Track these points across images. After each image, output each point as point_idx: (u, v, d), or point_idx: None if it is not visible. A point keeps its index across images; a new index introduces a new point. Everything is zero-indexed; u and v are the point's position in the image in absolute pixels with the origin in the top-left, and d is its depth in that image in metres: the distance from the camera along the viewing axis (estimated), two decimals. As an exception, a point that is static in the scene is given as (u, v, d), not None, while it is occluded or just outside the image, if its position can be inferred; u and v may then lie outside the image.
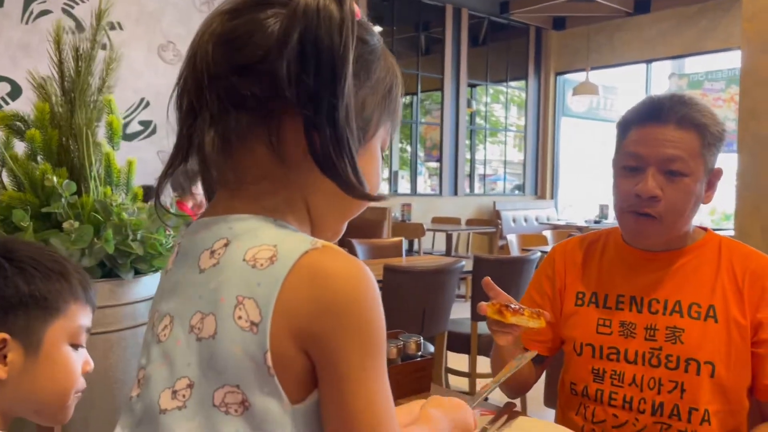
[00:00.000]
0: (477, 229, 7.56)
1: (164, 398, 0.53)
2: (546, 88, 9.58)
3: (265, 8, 0.57)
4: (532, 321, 1.13)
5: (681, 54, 8.25)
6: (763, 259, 1.25)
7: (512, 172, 9.83)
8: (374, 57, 0.62)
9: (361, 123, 0.61)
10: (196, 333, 0.53)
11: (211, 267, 0.55)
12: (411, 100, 8.55)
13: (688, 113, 1.19)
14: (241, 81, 0.56)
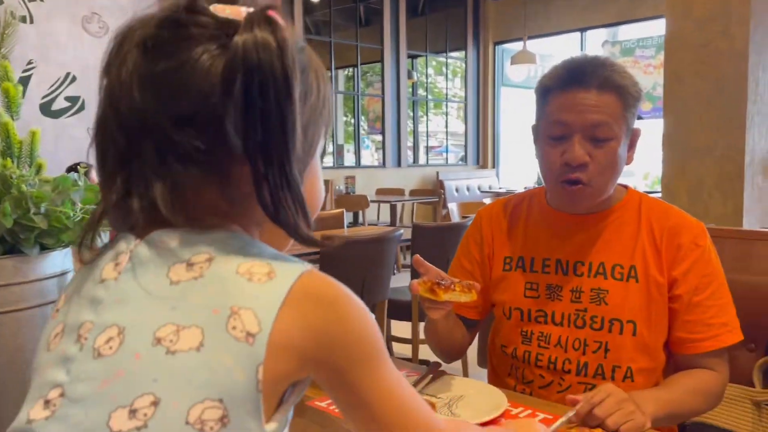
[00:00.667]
0: (420, 200, 7.61)
1: (117, 419, 0.48)
2: (485, 58, 9.64)
3: (192, 45, 0.53)
4: (464, 295, 1.13)
5: (614, 22, 8.42)
6: (680, 216, 1.29)
7: (456, 143, 9.91)
8: (308, 74, 0.59)
9: (307, 145, 0.59)
10: (166, 346, 0.49)
11: (190, 279, 0.51)
12: (352, 72, 8.47)
13: (609, 76, 1.19)
14: (182, 134, 0.52)
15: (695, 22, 3.51)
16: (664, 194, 3.73)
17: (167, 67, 0.52)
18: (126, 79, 0.53)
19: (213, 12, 0.55)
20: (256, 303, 0.50)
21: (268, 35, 0.52)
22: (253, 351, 0.48)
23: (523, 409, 1.13)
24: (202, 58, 0.52)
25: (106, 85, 0.55)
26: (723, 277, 1.25)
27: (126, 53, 0.54)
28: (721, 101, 3.47)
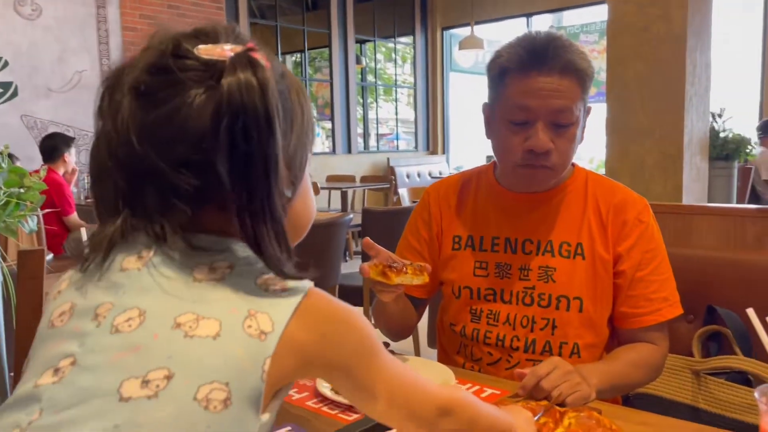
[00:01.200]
0: (371, 186, 7.60)
1: (128, 386, 0.52)
2: (433, 44, 9.66)
3: (182, 90, 0.56)
4: (416, 278, 1.12)
5: (558, 8, 8.56)
6: (625, 192, 1.30)
7: (407, 130, 9.92)
8: (291, 102, 0.62)
9: (296, 170, 0.64)
10: (185, 330, 0.54)
11: (211, 280, 0.56)
12: (300, 58, 8.37)
13: (570, 60, 1.17)
14: (179, 176, 0.56)
15: (636, 5, 3.58)
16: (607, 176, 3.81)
17: (161, 114, 0.56)
18: (122, 128, 0.56)
19: (197, 54, 0.57)
20: (271, 309, 0.56)
21: (251, 77, 0.56)
22: (264, 345, 0.54)
23: (471, 385, 1.13)
24: (193, 102, 0.55)
25: (101, 130, 0.59)
26: (665, 252, 1.28)
27: (119, 100, 0.57)
28: (660, 84, 3.57)
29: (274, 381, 0.55)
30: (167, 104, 0.56)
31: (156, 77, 0.57)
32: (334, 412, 1.04)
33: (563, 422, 0.88)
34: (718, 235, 1.61)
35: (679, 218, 1.67)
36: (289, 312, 0.56)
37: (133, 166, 0.56)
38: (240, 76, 0.55)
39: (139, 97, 0.57)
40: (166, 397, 0.51)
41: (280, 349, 0.54)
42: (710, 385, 1.41)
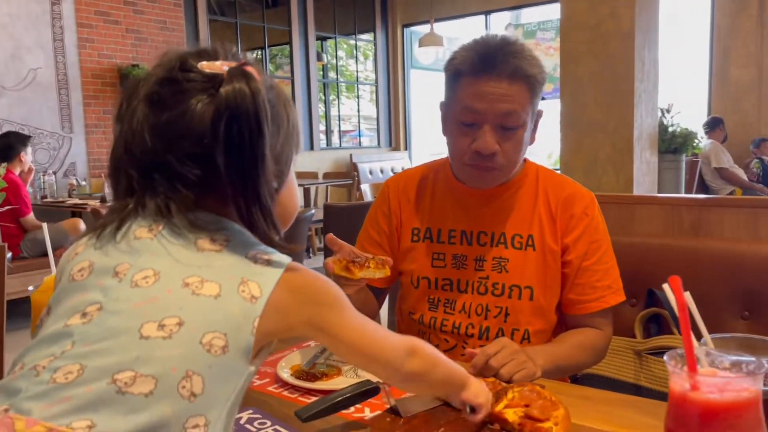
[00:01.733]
0: (334, 182, 7.62)
1: (147, 328, 0.63)
2: (394, 41, 9.71)
3: (187, 97, 0.69)
4: (378, 271, 1.16)
5: (516, 5, 8.69)
6: (573, 187, 1.37)
7: (370, 127, 9.95)
8: (278, 108, 0.74)
9: (282, 166, 0.76)
10: (192, 289, 0.65)
11: (212, 251, 0.68)
12: (260, 54, 8.32)
13: (519, 66, 1.21)
14: (185, 167, 0.68)
15: (587, 4, 3.70)
16: (562, 170, 3.93)
17: (170, 116, 0.68)
18: (138, 128, 0.69)
19: (200, 69, 0.70)
20: (260, 278, 0.67)
21: (244, 86, 0.67)
22: (254, 308, 0.66)
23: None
24: (197, 107, 0.68)
25: (119, 131, 0.71)
26: (609, 242, 1.35)
27: (135, 106, 0.70)
28: (611, 80, 3.69)
29: (261, 337, 0.66)
30: (175, 108, 0.68)
31: (166, 88, 0.69)
32: (294, 395, 1.08)
33: (507, 395, 0.93)
34: (658, 223, 1.70)
35: (622, 208, 1.76)
36: (273, 281, 0.68)
37: (145, 159, 0.69)
38: (235, 86, 0.67)
39: (152, 104, 0.69)
40: (178, 339, 0.62)
41: (266, 311, 0.66)
42: (651, 364, 1.50)
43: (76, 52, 6.04)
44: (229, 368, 0.65)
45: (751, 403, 0.61)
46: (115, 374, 0.60)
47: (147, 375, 0.61)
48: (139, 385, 0.60)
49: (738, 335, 0.81)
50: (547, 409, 0.90)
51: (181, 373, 0.62)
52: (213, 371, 0.63)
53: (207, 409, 0.63)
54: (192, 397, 0.62)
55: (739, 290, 1.43)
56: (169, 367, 0.62)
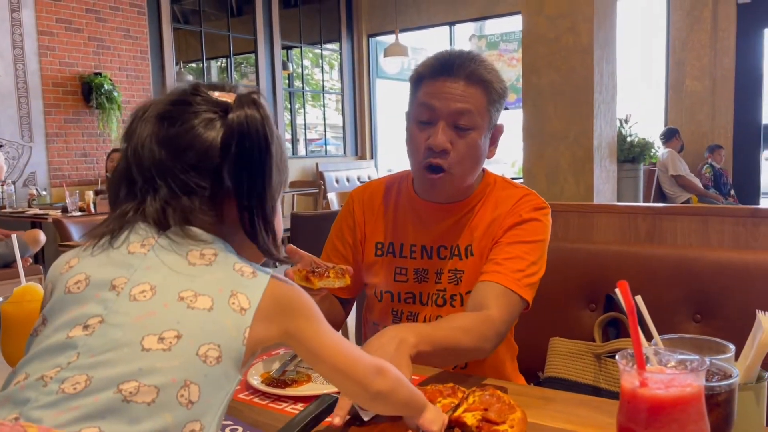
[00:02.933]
0: (301, 191, 7.62)
1: (148, 340, 0.66)
2: (359, 51, 9.77)
3: (195, 116, 0.74)
4: (338, 281, 1.16)
5: (480, 17, 8.85)
6: (520, 195, 1.38)
7: (336, 135, 9.98)
8: (272, 138, 0.78)
9: (277, 188, 0.80)
10: (187, 303, 0.69)
11: (203, 264, 0.72)
12: (225, 63, 8.29)
13: (476, 69, 1.27)
14: (189, 177, 0.73)
15: (547, 18, 3.80)
16: (525, 179, 4.01)
17: (178, 131, 0.74)
18: (146, 140, 0.74)
19: (209, 95, 0.76)
20: (247, 291, 0.72)
21: (255, 112, 0.75)
22: (243, 319, 0.70)
23: (393, 373, 1.22)
24: (205, 123, 0.74)
25: (127, 147, 0.76)
26: (539, 244, 1.32)
27: (145, 123, 0.75)
28: (571, 92, 3.79)
29: (251, 345, 0.71)
30: (184, 124, 0.74)
31: (176, 107, 0.76)
32: (264, 402, 1.10)
33: (468, 400, 0.96)
34: (615, 231, 1.76)
35: (582, 216, 1.82)
36: (260, 293, 0.72)
37: (151, 166, 0.74)
38: (246, 112, 0.75)
39: (162, 120, 0.75)
40: (177, 351, 0.67)
41: (254, 322, 0.71)
42: (609, 366, 1.55)
43: (36, 60, 5.94)
44: (222, 376, 0.69)
45: (694, 398, 0.66)
46: (121, 384, 0.64)
47: (150, 385, 0.64)
48: (143, 395, 0.64)
49: (686, 336, 0.87)
50: (504, 412, 0.92)
51: (180, 383, 0.66)
52: (208, 380, 0.68)
53: (202, 414, 0.67)
54: (189, 404, 0.66)
55: (692, 294, 1.50)
56: (170, 377, 0.65)
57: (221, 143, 0.74)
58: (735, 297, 1.43)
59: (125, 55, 6.67)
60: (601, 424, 0.97)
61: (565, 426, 0.98)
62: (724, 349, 0.82)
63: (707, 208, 1.74)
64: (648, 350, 0.73)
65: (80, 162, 6.39)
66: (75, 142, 6.32)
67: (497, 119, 1.35)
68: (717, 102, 7.07)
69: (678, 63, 7.21)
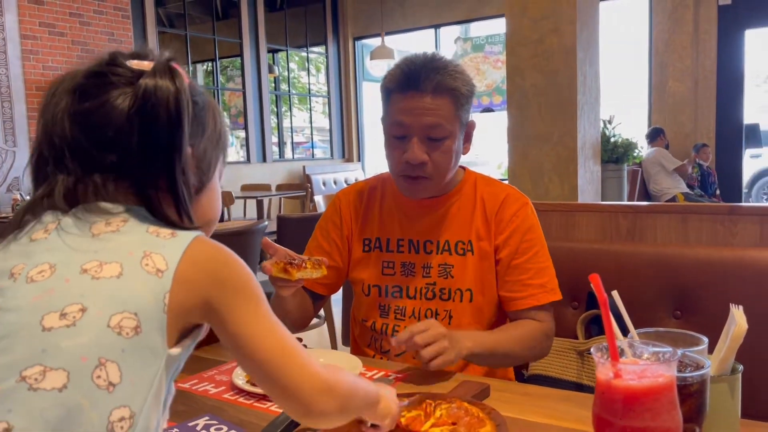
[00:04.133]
0: (287, 194, 7.61)
1: (49, 319, 0.59)
2: (345, 53, 9.79)
3: (111, 89, 0.68)
4: (315, 272, 1.19)
5: (464, 19, 8.89)
6: (507, 192, 1.43)
7: (322, 138, 9.98)
8: (205, 112, 0.74)
9: (204, 168, 0.75)
10: (91, 274, 0.62)
11: (109, 232, 0.65)
12: (211, 67, 8.26)
13: (441, 81, 1.29)
14: (100, 153, 0.68)
15: (530, 20, 3.83)
16: (510, 179, 4.04)
17: (91, 105, 0.68)
18: (59, 117, 0.68)
19: (129, 65, 0.70)
20: (164, 251, 0.65)
21: (167, 80, 0.68)
22: (161, 282, 0.63)
23: (377, 371, 1.23)
24: (119, 99, 0.68)
25: (42, 123, 0.70)
26: (543, 245, 1.41)
27: (59, 98, 0.69)
28: (555, 93, 3.83)
29: (175, 314, 0.63)
30: (97, 98, 0.68)
31: (91, 80, 0.69)
32: (249, 401, 1.11)
33: (435, 414, 0.95)
34: (597, 229, 1.79)
35: (564, 215, 1.84)
36: (179, 252, 0.65)
37: (62, 145, 0.68)
38: (157, 80, 0.68)
39: (75, 94, 0.69)
40: (83, 326, 0.60)
41: (175, 285, 0.63)
42: (592, 363, 1.57)
43: (20, 64, 5.90)
44: (145, 350, 0.61)
45: (666, 388, 0.68)
46: (23, 371, 0.58)
47: (57, 368, 0.58)
48: (50, 380, 0.58)
49: (661, 329, 0.89)
50: (473, 426, 0.90)
51: (93, 361, 0.59)
52: (127, 355, 0.60)
53: (129, 398, 0.60)
54: (110, 386, 0.59)
55: (671, 291, 1.52)
56: (78, 356, 0.59)
57: (127, 113, 0.67)
58: (714, 293, 1.46)
59: (110, 59, 6.63)
60: (581, 418, 0.99)
61: (546, 420, 0.99)
62: (697, 341, 0.84)
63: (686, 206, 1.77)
64: (623, 343, 0.75)
65: (65, 166, 6.33)
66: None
67: (468, 118, 1.38)
68: (699, 102, 7.16)
69: (660, 64, 7.29)
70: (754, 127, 7.51)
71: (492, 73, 8.74)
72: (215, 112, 0.78)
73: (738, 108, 7.12)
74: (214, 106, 0.78)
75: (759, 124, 7.56)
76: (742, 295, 1.37)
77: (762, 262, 1.44)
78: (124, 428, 0.59)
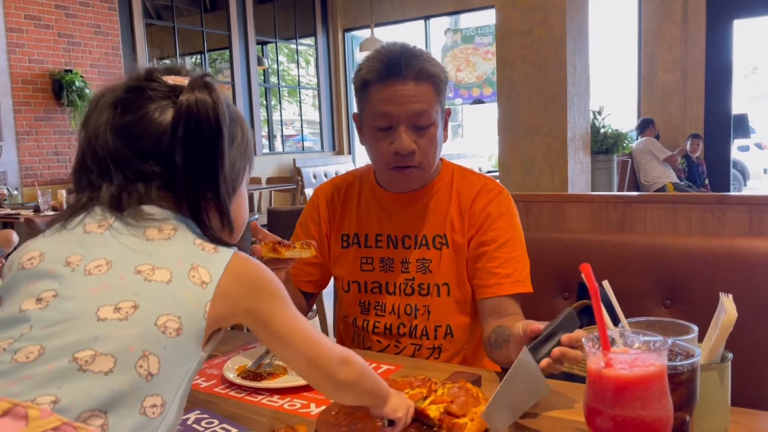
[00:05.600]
0: (278, 187, 7.59)
1: (104, 311, 0.65)
2: (335, 45, 9.75)
3: (149, 103, 0.74)
4: (305, 251, 1.19)
5: (454, 11, 8.87)
6: (482, 184, 1.41)
7: (313, 131, 9.94)
8: (234, 123, 0.78)
9: (235, 177, 0.80)
10: (144, 276, 0.68)
11: (161, 239, 0.71)
12: (200, 59, 8.21)
13: (423, 67, 1.27)
14: (143, 164, 0.73)
15: (520, 11, 3.83)
16: (501, 171, 4.04)
17: (131, 118, 0.74)
18: (102, 129, 0.74)
19: (165, 80, 0.76)
20: (209, 264, 0.71)
21: (206, 95, 0.74)
22: (204, 293, 0.69)
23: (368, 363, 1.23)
24: (157, 111, 0.74)
25: (84, 136, 0.76)
26: (516, 236, 1.36)
27: (100, 111, 0.75)
28: (545, 84, 3.83)
29: (213, 321, 0.70)
30: (137, 112, 0.74)
31: (130, 94, 0.75)
32: (240, 395, 1.11)
33: (437, 392, 0.96)
34: (587, 220, 1.79)
35: (554, 206, 1.85)
36: (222, 268, 0.71)
37: (106, 155, 0.73)
38: (196, 94, 0.74)
39: (116, 108, 0.75)
40: (134, 320, 0.66)
41: (216, 297, 0.70)
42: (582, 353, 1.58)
43: (5, 57, 5.83)
44: (183, 350, 0.68)
45: (657, 377, 0.68)
46: (75, 353, 0.63)
47: (106, 354, 0.63)
48: (99, 363, 0.63)
49: (651, 318, 0.89)
50: (467, 405, 0.92)
51: (139, 352, 0.65)
52: (168, 352, 0.66)
53: (163, 389, 0.66)
54: (149, 376, 0.65)
55: (661, 280, 1.53)
56: (127, 346, 0.64)
57: (171, 127, 0.73)
58: (703, 282, 1.46)
59: (96, 52, 6.58)
60: (570, 405, 0.99)
61: (537, 410, 0.99)
62: (687, 330, 0.85)
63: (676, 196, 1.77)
64: (614, 332, 0.75)
65: (52, 160, 6.29)
66: (46, 141, 6.23)
67: (445, 105, 1.37)
68: (688, 93, 7.19)
69: (650, 55, 7.31)
70: (743, 117, 7.55)
71: (482, 64, 8.74)
72: (242, 122, 0.82)
73: (726, 98, 7.16)
74: (240, 116, 0.82)
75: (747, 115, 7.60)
76: (731, 284, 1.38)
77: (751, 251, 1.45)
78: (156, 414, 0.65)
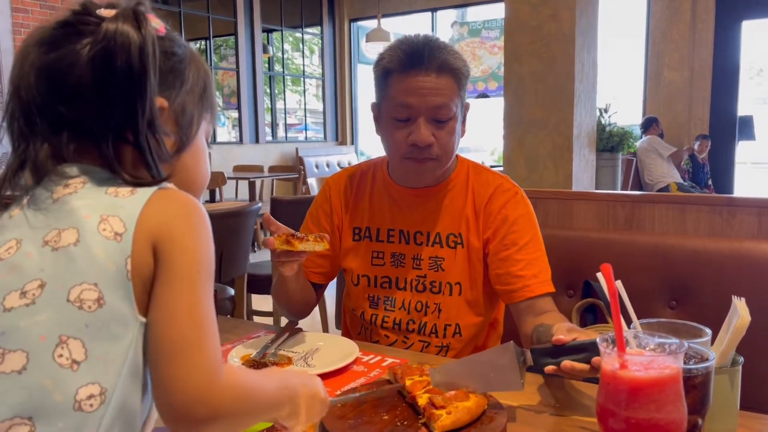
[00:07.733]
0: (280, 176, 7.57)
1: (10, 299, 0.57)
2: (341, 35, 9.70)
3: (79, 38, 0.64)
4: (318, 245, 1.19)
5: (462, 3, 8.83)
6: (498, 183, 1.39)
7: (316, 120, 9.92)
8: (184, 65, 0.71)
9: (185, 124, 0.71)
10: (51, 245, 0.59)
11: (67, 194, 0.62)
12: (205, 45, 8.17)
13: (446, 60, 1.26)
14: (67, 109, 0.64)
15: (529, 5, 3.80)
16: (505, 166, 4.03)
17: (56, 56, 0.64)
18: (26, 71, 0.65)
19: (99, 13, 0.66)
20: (121, 211, 0.61)
21: (130, 28, 0.64)
22: (121, 246, 0.59)
23: (373, 356, 1.23)
24: (83, 45, 0.64)
25: (11, 78, 0.67)
26: (535, 235, 1.35)
27: (28, 52, 0.66)
28: (552, 80, 3.80)
29: (140, 278, 0.60)
30: (62, 49, 0.64)
31: (59, 30, 0.66)
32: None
33: None
34: (594, 218, 1.78)
35: (561, 203, 1.84)
36: (137, 210, 0.61)
37: (30, 101, 0.65)
38: (118, 24, 0.64)
39: (42, 45, 0.66)
40: (42, 303, 0.57)
41: (136, 246, 0.60)
42: (587, 352, 1.58)
43: (10, 38, 5.80)
44: (112, 323, 0.58)
45: (672, 379, 0.67)
46: None
47: (15, 350, 0.56)
48: (9, 363, 0.55)
49: (663, 320, 0.88)
50: (454, 399, 0.91)
51: (54, 340, 0.56)
52: (92, 330, 0.57)
53: (98, 375, 0.57)
54: (74, 365, 0.56)
55: (668, 281, 1.52)
56: (37, 335, 0.56)
57: (88, 61, 0.63)
58: (709, 284, 1.46)
59: (102, 35, 6.54)
60: (578, 406, 0.99)
61: (546, 408, 0.99)
62: (700, 333, 0.84)
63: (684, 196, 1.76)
64: (628, 333, 0.74)
65: (55, 143, 6.26)
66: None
67: (465, 100, 1.35)
68: (694, 93, 7.16)
69: (657, 54, 7.28)
70: (748, 119, 7.52)
71: (488, 58, 8.70)
72: (199, 66, 0.73)
73: (732, 100, 7.13)
74: (197, 59, 0.74)
75: (752, 117, 7.57)
76: (738, 286, 1.37)
77: (759, 254, 1.44)
78: (95, 406, 0.56)
